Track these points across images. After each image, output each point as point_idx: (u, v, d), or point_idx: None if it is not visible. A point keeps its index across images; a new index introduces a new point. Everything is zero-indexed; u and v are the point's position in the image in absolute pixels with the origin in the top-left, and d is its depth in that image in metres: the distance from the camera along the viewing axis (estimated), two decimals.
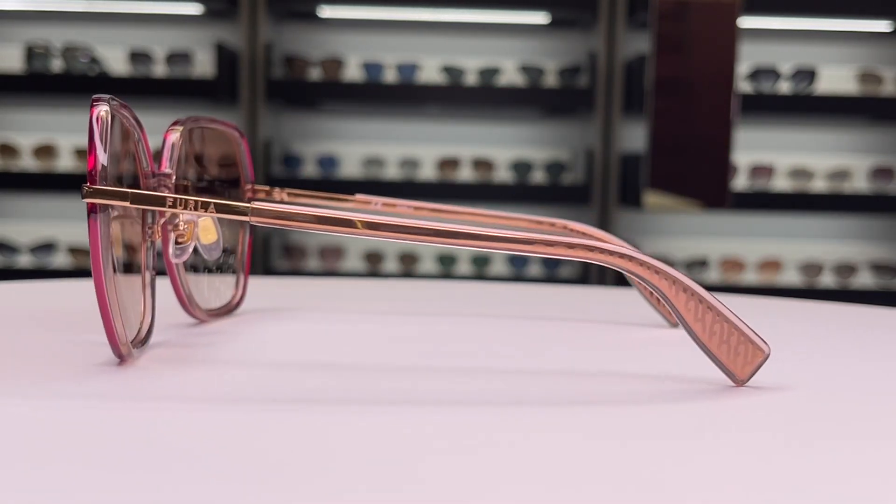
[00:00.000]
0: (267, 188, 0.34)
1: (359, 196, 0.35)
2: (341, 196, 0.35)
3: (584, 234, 0.34)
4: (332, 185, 1.86)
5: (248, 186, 0.34)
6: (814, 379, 0.26)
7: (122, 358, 0.25)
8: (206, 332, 0.31)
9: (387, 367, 0.26)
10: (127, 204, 0.23)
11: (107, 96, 0.24)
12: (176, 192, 0.29)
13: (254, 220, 0.23)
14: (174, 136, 0.29)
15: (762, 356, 0.24)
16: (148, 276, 0.27)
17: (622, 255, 0.23)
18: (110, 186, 0.23)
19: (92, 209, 0.22)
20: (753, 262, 1.94)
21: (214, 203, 0.23)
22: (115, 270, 0.23)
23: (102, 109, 0.23)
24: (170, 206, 0.23)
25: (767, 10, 1.84)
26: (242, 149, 0.34)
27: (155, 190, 0.28)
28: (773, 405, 0.22)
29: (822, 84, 1.90)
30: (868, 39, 1.97)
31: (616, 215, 1.85)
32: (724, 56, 1.69)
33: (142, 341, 0.26)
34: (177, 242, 0.27)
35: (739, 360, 0.24)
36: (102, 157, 0.23)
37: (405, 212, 0.35)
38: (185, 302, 0.31)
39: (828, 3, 1.84)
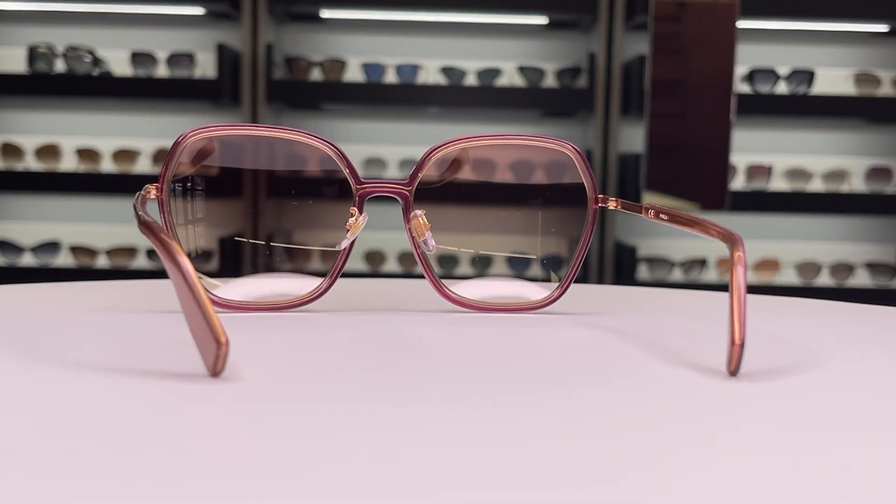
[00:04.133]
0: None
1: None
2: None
3: None
4: None
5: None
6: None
7: None
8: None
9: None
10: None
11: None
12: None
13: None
14: None
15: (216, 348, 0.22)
16: None
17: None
18: None
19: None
20: (751, 263, 1.95)
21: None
22: None
23: None
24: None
25: (765, 11, 1.85)
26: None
27: None
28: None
29: (820, 85, 1.91)
30: (865, 41, 1.98)
31: (615, 215, 1.86)
32: (722, 57, 1.70)
33: None
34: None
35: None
36: None
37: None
38: None
39: (825, 4, 1.85)
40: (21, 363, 0.25)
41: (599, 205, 0.35)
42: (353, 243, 0.35)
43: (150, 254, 1.88)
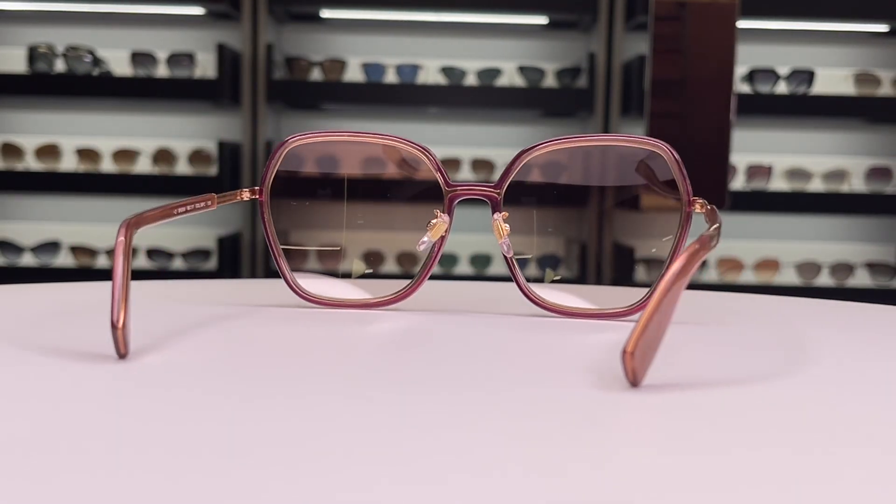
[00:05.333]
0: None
1: None
2: None
3: None
4: None
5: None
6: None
7: None
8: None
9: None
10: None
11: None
12: None
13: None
14: None
15: None
16: None
17: None
18: None
19: None
20: (751, 263, 1.95)
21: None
22: None
23: None
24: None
25: (765, 11, 1.85)
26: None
27: None
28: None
29: (820, 85, 1.91)
30: (865, 41, 1.99)
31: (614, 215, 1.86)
32: (722, 57, 1.70)
33: None
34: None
35: None
36: None
37: None
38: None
39: (825, 4, 1.85)
40: None
41: (693, 208, 0.34)
42: (439, 245, 0.36)
43: (150, 254, 1.88)
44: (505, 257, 0.35)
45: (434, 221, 0.35)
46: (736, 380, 0.25)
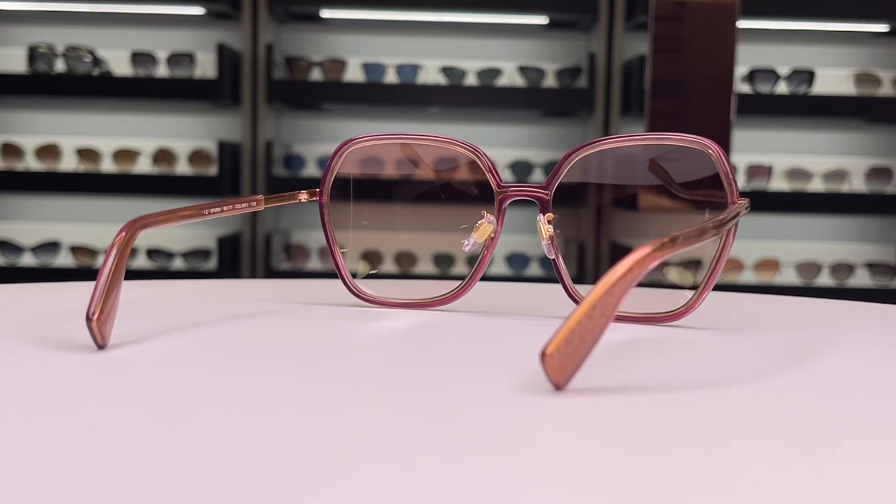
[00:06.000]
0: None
1: None
2: None
3: None
4: None
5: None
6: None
7: None
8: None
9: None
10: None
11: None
12: None
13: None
14: None
15: None
16: None
17: None
18: None
19: None
20: (751, 263, 1.95)
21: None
22: None
23: None
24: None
25: (765, 11, 1.85)
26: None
27: None
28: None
29: (820, 85, 1.91)
30: (865, 41, 1.98)
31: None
32: (722, 57, 1.70)
33: None
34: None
35: None
36: None
37: None
38: None
39: (825, 4, 1.85)
40: None
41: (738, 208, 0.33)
42: (489, 246, 0.36)
43: (150, 254, 1.88)
44: (550, 259, 0.35)
45: (480, 222, 0.36)
46: (692, 385, 0.25)
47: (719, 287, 0.36)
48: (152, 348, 0.28)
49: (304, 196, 0.37)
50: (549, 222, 0.35)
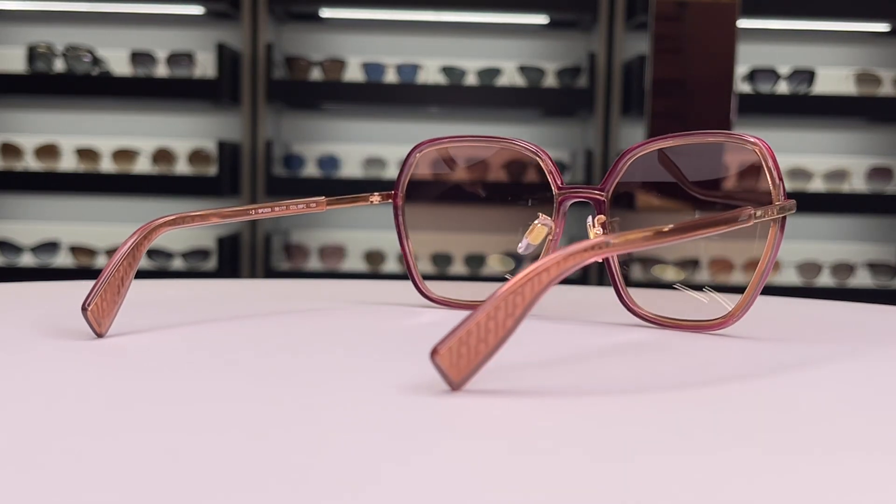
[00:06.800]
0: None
1: None
2: None
3: None
4: (332, 185, 1.88)
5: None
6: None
7: None
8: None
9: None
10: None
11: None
12: None
13: None
14: None
15: None
16: None
17: None
18: None
19: None
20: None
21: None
22: None
23: None
24: None
25: (765, 11, 1.85)
26: None
27: None
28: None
29: (821, 85, 1.91)
30: (866, 40, 1.98)
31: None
32: (723, 57, 1.70)
33: None
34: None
35: None
36: None
37: None
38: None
39: (825, 4, 1.85)
40: None
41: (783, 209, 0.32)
42: (548, 248, 0.36)
43: (150, 253, 1.88)
44: (606, 261, 0.34)
45: (534, 223, 0.36)
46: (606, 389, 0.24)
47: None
48: (149, 338, 0.28)
49: (376, 198, 0.38)
50: (599, 224, 0.34)
